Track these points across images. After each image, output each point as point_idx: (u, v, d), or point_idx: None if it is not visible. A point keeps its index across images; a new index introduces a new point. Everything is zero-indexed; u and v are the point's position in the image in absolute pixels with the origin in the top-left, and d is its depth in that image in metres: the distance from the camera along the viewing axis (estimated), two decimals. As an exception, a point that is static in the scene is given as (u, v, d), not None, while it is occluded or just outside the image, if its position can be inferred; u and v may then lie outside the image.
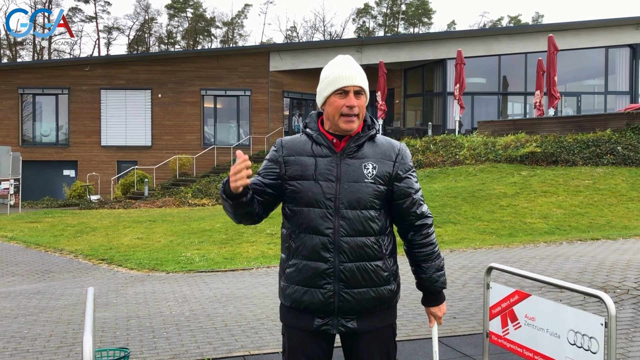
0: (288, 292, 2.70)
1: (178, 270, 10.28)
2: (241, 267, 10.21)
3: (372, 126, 2.76)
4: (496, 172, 17.16)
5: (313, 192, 2.63)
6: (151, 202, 22.52)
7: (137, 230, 15.16)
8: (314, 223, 2.62)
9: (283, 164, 2.70)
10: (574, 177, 15.78)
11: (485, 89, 30.94)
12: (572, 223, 12.61)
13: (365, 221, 2.63)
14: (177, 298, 8.04)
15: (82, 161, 29.53)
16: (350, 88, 2.65)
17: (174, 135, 29.73)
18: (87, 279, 10.06)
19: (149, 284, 9.23)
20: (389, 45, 30.94)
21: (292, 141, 2.77)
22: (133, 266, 10.89)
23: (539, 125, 21.53)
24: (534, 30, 31.21)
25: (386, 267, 2.69)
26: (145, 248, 12.67)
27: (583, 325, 3.78)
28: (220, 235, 13.40)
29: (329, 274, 2.61)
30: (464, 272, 8.55)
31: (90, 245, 13.32)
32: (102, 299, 8.19)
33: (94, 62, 30.61)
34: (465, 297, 7.21)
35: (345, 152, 2.67)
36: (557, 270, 8.08)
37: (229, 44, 74.31)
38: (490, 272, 4.66)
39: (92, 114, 29.69)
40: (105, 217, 18.51)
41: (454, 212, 13.73)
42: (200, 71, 29.79)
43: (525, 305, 4.29)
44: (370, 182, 2.65)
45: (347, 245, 2.61)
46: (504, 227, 12.49)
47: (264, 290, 8.27)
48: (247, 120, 30.39)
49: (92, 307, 3.55)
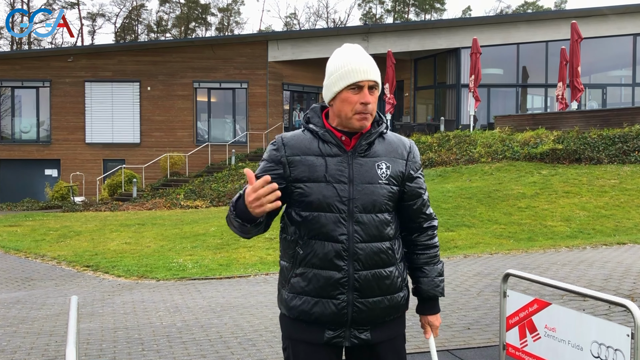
0: (294, 303, 2.66)
1: (169, 278, 10.30)
2: (237, 274, 10.22)
3: (381, 121, 2.75)
4: (514, 171, 17.15)
5: (325, 195, 2.60)
6: (140, 204, 22.55)
7: (125, 234, 15.18)
8: (325, 229, 2.60)
9: (287, 165, 2.65)
10: (598, 177, 15.76)
11: (502, 81, 30.92)
12: (597, 226, 12.60)
13: (380, 225, 2.63)
14: (169, 308, 8.05)
15: (65, 160, 29.58)
16: (365, 83, 2.61)
17: (164, 132, 29.77)
18: (70, 287, 10.08)
19: (138, 293, 9.25)
20: (398, 33, 30.94)
21: (295, 138, 2.71)
22: (120, 273, 10.90)
23: (560, 120, 21.51)
24: (556, 17, 31.17)
25: (399, 272, 2.70)
26: (134, 254, 12.69)
27: (608, 336, 3.79)
28: (215, 240, 13.41)
29: (343, 284, 2.60)
30: (479, 279, 8.56)
31: (74, 251, 13.34)
32: (87, 308, 8.21)
33: (78, 53, 30.67)
34: (480, 307, 7.21)
35: (356, 151, 2.65)
36: (579, 277, 8.08)
37: (224, 33, 74.33)
38: (507, 279, 4.67)
39: (75, 108, 29.74)
40: (90, 220, 18.54)
41: (469, 214, 13.72)
42: (193, 62, 29.82)
43: (545, 315, 4.29)
44: (385, 183, 2.64)
45: (363, 252, 2.60)
46: (522, 231, 12.49)
47: (262, 299, 8.28)
48: (243, 116, 30.41)
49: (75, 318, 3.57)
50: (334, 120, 2.70)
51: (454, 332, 6.26)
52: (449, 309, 7.13)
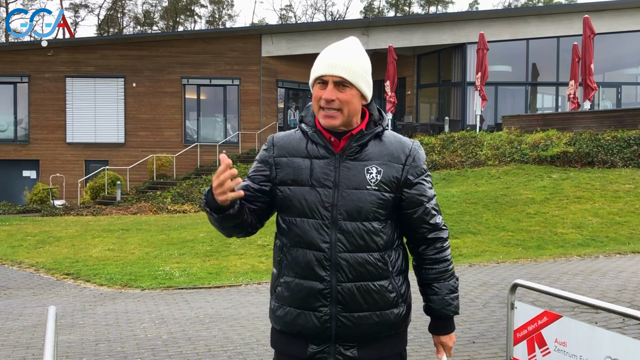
0: (279, 313, 2.67)
1: (155, 287, 10.29)
2: (228, 284, 10.22)
3: (380, 122, 2.70)
4: (523, 175, 17.17)
5: (307, 199, 2.58)
6: (124, 208, 22.53)
7: (108, 240, 15.17)
8: (307, 236, 2.58)
9: (274, 166, 2.66)
10: (612, 181, 15.79)
11: (511, 79, 30.97)
12: (610, 234, 12.62)
13: (367, 235, 2.58)
14: (154, 319, 8.04)
15: (45, 160, 29.53)
16: (328, 78, 2.57)
17: (150, 131, 29.74)
18: (49, 297, 10.06)
19: (121, 303, 9.24)
20: (400, 27, 30.99)
21: (285, 139, 2.72)
22: (103, 282, 10.89)
23: (572, 120, 21.55)
24: (568, 11, 31.26)
25: (393, 287, 2.65)
26: (117, 261, 12.67)
27: (622, 351, 3.79)
28: (204, 247, 13.41)
29: (325, 295, 2.57)
30: (485, 290, 8.56)
31: (53, 258, 13.32)
32: (67, 319, 8.19)
33: (58, 46, 30.63)
34: (486, 319, 7.22)
35: (345, 153, 2.62)
36: (592, 288, 8.09)
37: (215, 26, 74.36)
38: (515, 290, 4.67)
39: (56, 105, 29.69)
40: (71, 225, 18.51)
41: (474, 220, 13.74)
42: (181, 57, 29.81)
43: (555, 328, 4.30)
44: (374, 189, 2.59)
45: (346, 262, 2.56)
46: (531, 238, 12.50)
47: (253, 310, 8.28)
48: (235, 114, 30.41)
49: (53, 329, 3.56)
50: None
51: (458, 346, 6.26)
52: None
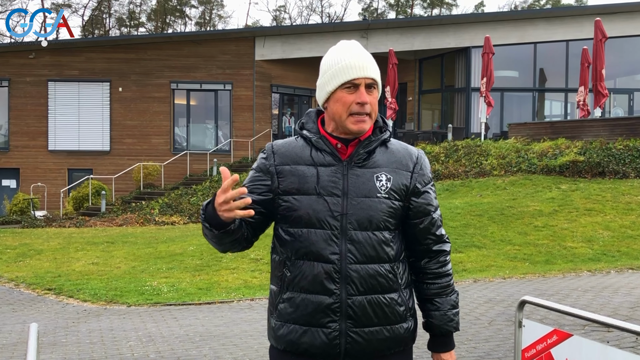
0: (282, 332, 2.65)
1: (142, 303, 10.27)
2: (219, 300, 10.20)
3: (385, 128, 2.73)
4: (530, 186, 17.20)
5: (315, 209, 2.58)
6: (109, 220, 22.50)
7: (92, 253, 15.14)
8: (315, 247, 2.58)
9: (275, 175, 2.65)
10: (624, 192, 15.82)
11: (517, 84, 31.05)
12: (622, 248, 12.64)
13: (378, 245, 2.60)
14: (141, 337, 8.02)
15: (25, 169, 29.50)
16: (361, 81, 2.60)
17: (137, 138, 29.74)
18: (30, 313, 10.03)
19: (106, 320, 9.22)
20: (401, 29, 31.09)
21: (286, 146, 2.72)
22: (87, 297, 10.86)
23: (582, 128, 21.61)
24: (578, 13, 31.39)
25: (402, 300, 2.67)
26: (102, 275, 12.65)
27: (635, 371, 3.79)
28: (194, 261, 13.39)
29: (335, 310, 2.57)
30: (491, 307, 8.56)
31: (34, 272, 13.29)
32: (49, 337, 8.17)
33: (40, 48, 30.60)
34: (492, 338, 7.22)
35: (352, 160, 2.63)
36: (603, 305, 8.09)
37: (205, 27, 74.46)
38: (522, 307, 4.67)
39: (37, 111, 29.70)
40: (53, 237, 18.48)
41: (479, 233, 13.74)
42: (170, 60, 29.86)
43: (565, 348, 4.30)
44: (384, 197, 2.61)
45: (357, 274, 2.57)
46: (539, 253, 12.51)
47: (246, 327, 8.26)
48: (227, 121, 30.43)
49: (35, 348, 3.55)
50: (330, 125, 2.69)
51: (462, 367, 6.26)
52: (456, 340, 7.09)
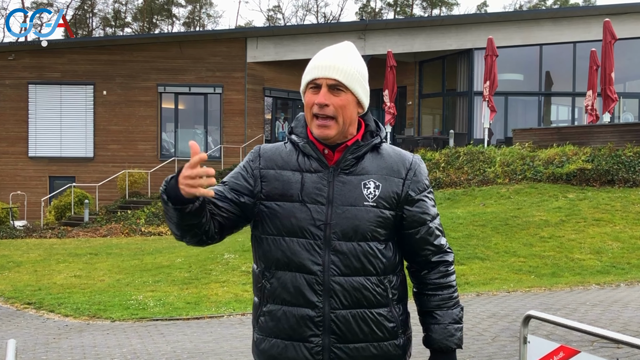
0: (263, 346, 2.66)
1: (127, 318, 10.24)
2: (208, 315, 10.19)
3: (377, 132, 2.73)
4: (536, 195, 17.22)
5: (297, 217, 2.58)
6: (93, 230, 22.46)
7: (75, 265, 15.11)
8: (297, 257, 2.58)
9: (259, 179, 2.66)
10: (634, 202, 15.85)
11: (522, 88, 31.13)
12: (633, 260, 12.66)
13: (364, 256, 2.59)
14: (125, 354, 8.01)
15: (4, 176, 29.45)
16: (322, 81, 2.58)
17: (122, 144, 29.72)
18: (8, 328, 10.01)
19: (89, 336, 9.20)
20: (400, 30, 31.15)
21: (274, 150, 2.73)
22: (68, 312, 10.83)
23: (590, 134, 21.65)
24: (586, 14, 31.47)
25: (392, 316, 2.66)
26: (85, 289, 12.63)
27: (645, 389, 3.81)
28: (182, 273, 13.37)
29: (317, 324, 2.57)
30: (495, 322, 8.57)
31: (13, 285, 13.26)
32: (28, 354, 8.15)
33: (20, 49, 30.64)
34: (496, 354, 7.22)
35: (339, 166, 2.63)
36: (612, 320, 8.11)
37: (194, 28, 74.57)
38: (528, 322, 4.68)
39: (17, 115, 29.67)
40: (33, 248, 18.44)
41: (482, 244, 13.75)
42: (157, 62, 29.87)
43: (572, 365, 4.31)
44: (371, 205, 2.60)
45: (340, 287, 2.56)
46: (545, 265, 12.52)
47: (237, 344, 8.26)
48: (217, 126, 30.44)
49: (16, 364, 3.55)
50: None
51: (464, 385, 6.26)
52: (459, 356, 7.12)
